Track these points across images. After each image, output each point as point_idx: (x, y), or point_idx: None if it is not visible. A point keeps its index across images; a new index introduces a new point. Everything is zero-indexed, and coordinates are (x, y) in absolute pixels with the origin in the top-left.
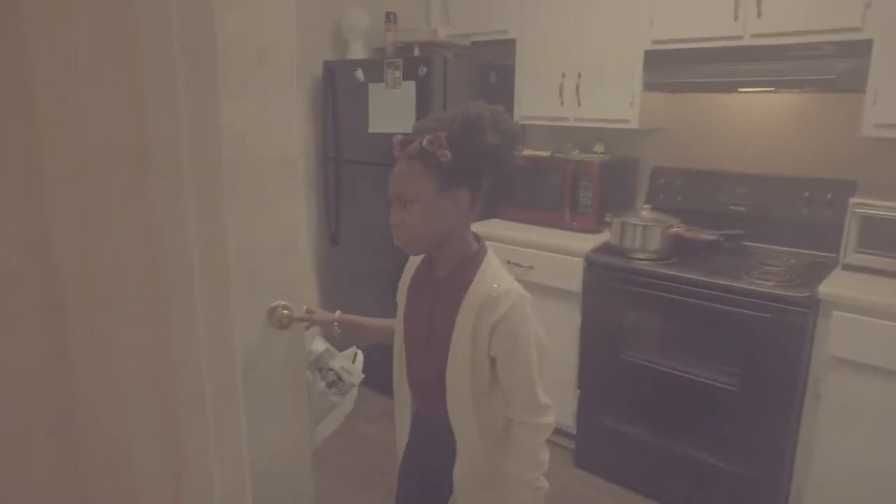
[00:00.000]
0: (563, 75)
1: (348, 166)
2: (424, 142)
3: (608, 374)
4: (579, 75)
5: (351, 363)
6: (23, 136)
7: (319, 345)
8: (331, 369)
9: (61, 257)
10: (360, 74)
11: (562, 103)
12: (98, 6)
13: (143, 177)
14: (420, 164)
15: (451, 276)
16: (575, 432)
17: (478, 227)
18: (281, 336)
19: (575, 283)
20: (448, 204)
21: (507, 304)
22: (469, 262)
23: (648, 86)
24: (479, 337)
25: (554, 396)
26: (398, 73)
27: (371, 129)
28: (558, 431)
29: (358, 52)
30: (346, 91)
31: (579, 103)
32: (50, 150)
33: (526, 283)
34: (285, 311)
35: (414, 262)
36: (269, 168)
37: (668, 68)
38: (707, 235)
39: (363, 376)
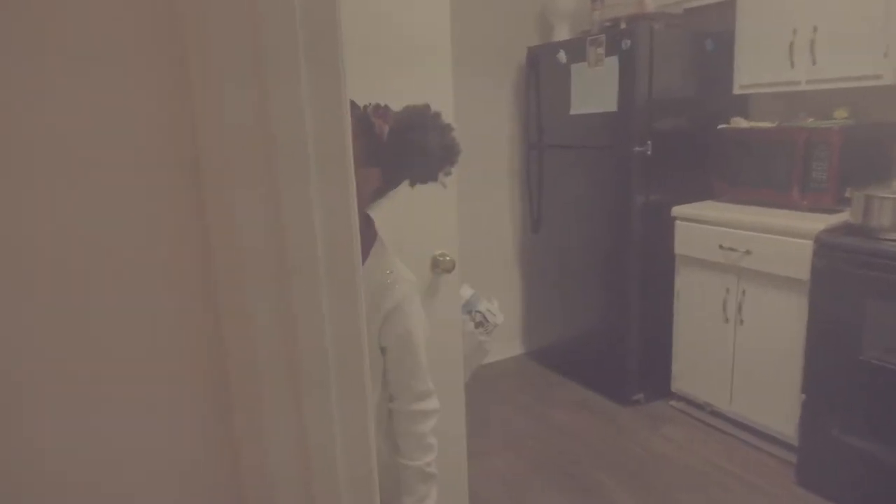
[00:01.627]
0: (795, 32)
1: (549, 151)
2: (370, 107)
3: (842, 377)
4: (815, 29)
5: (495, 306)
6: (184, 132)
7: (467, 290)
8: (478, 311)
9: (215, 248)
10: (562, 56)
11: (792, 65)
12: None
13: (271, 168)
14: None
15: None
16: (797, 444)
17: (689, 210)
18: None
19: (801, 270)
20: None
21: (399, 293)
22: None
23: None
24: (370, 324)
25: (771, 399)
26: (600, 50)
27: (572, 111)
28: (776, 441)
29: (563, 34)
30: (549, 75)
31: (814, 62)
32: (202, 144)
33: (740, 269)
34: (447, 258)
35: None
36: None
37: None
38: None
39: (504, 317)
